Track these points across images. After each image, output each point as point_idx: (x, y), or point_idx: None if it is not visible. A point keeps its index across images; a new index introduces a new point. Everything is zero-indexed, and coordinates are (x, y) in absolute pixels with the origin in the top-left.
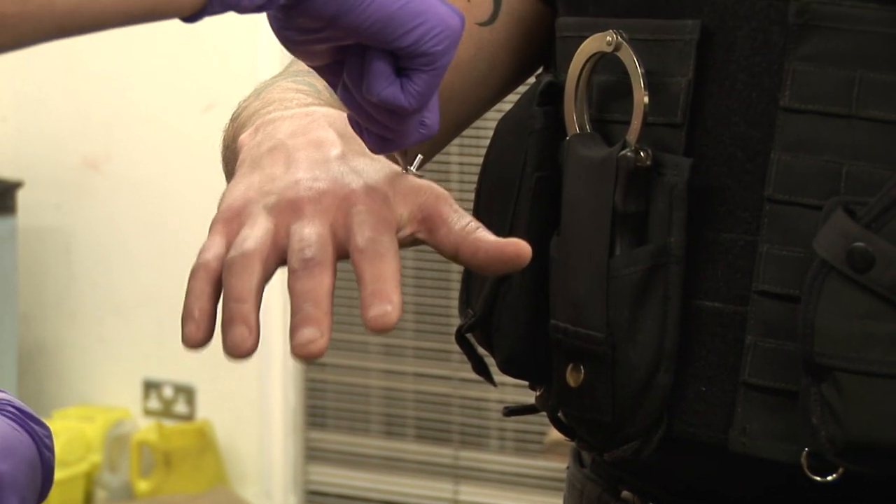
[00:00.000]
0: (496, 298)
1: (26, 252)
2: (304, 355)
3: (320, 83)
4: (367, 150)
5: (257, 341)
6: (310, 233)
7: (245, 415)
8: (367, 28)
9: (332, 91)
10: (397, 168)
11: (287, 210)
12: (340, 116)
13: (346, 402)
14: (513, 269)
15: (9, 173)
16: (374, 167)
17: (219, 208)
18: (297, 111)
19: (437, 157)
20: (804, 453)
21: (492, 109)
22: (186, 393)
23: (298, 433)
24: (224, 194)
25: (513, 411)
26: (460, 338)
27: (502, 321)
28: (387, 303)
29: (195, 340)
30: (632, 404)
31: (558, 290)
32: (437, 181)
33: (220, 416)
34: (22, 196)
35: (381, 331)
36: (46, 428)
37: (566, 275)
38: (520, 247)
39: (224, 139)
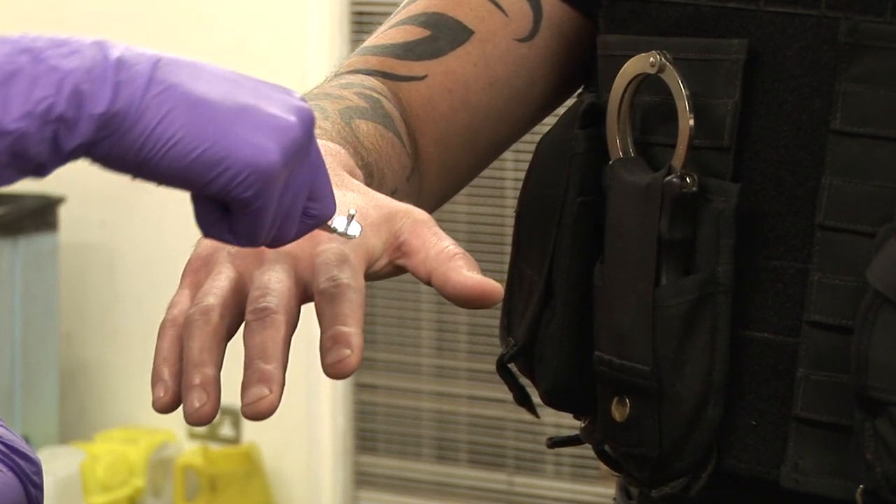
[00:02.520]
0: (538, 328)
1: (69, 269)
2: (253, 414)
3: (332, 105)
4: (343, 181)
5: (216, 407)
6: (269, 279)
7: (293, 438)
8: (169, 181)
9: (343, 113)
10: (374, 196)
11: (250, 255)
12: (324, 147)
13: (396, 425)
14: (479, 307)
15: (51, 188)
16: (346, 200)
17: (189, 258)
18: None
19: (492, 173)
20: (859, 490)
21: (540, 124)
22: (232, 415)
23: (348, 457)
24: (196, 242)
25: (557, 443)
26: (502, 367)
27: (545, 351)
28: (345, 347)
29: (164, 405)
30: (680, 439)
31: (602, 320)
32: (491, 197)
33: (267, 440)
34: (64, 212)
35: (341, 377)
36: (34, 463)
37: (610, 305)
38: (486, 289)
39: None
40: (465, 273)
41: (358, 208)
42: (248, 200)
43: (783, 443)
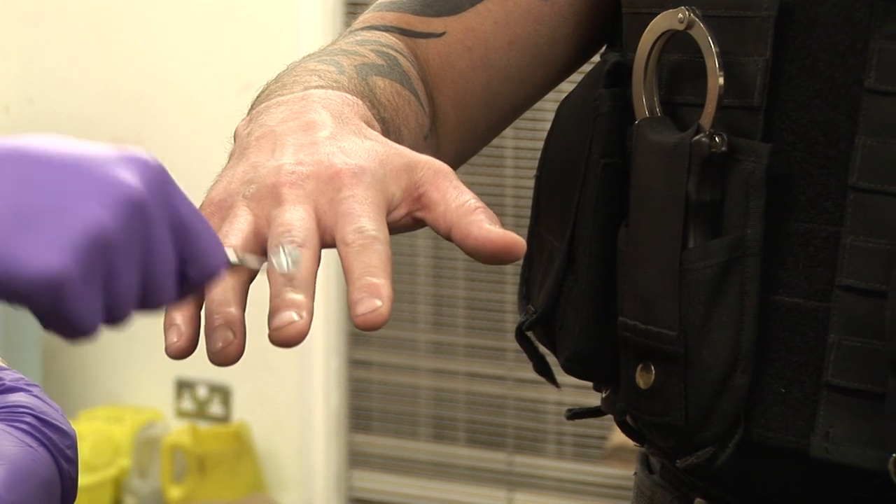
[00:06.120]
0: (559, 293)
1: None
2: (282, 340)
3: (348, 61)
4: (361, 129)
5: (243, 346)
6: (290, 217)
7: (284, 417)
8: None
9: (359, 70)
10: (393, 145)
11: (267, 197)
12: (340, 98)
13: (392, 403)
14: (502, 262)
15: None
16: (365, 146)
17: (201, 203)
18: (292, 96)
19: (491, 142)
20: (892, 459)
21: (550, 90)
22: (222, 393)
23: (341, 436)
24: (209, 189)
25: (576, 414)
26: (521, 336)
27: (566, 318)
28: (376, 297)
29: (178, 350)
30: (706, 407)
31: (627, 284)
32: (491, 166)
33: (257, 418)
34: None
35: (372, 328)
36: (68, 436)
37: (635, 269)
38: (508, 243)
39: None
40: (487, 227)
41: (378, 156)
42: (42, 310)
43: (813, 411)
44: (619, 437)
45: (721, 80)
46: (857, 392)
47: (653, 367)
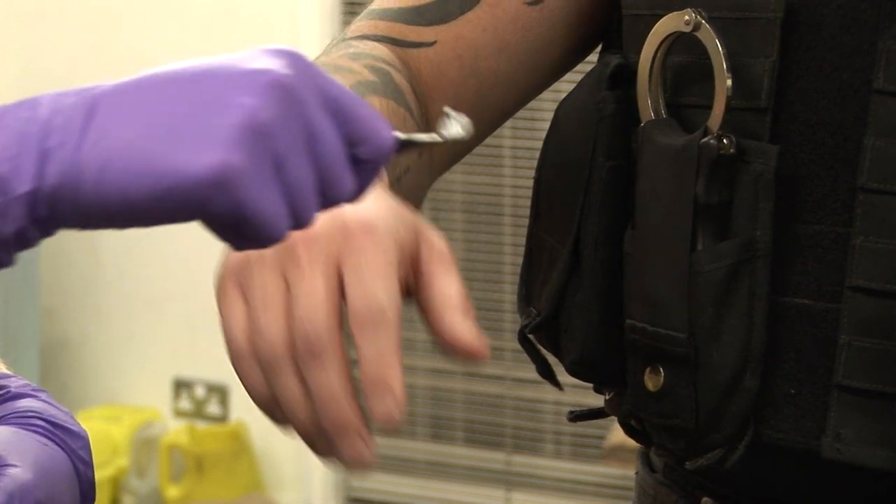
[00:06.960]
0: (564, 297)
1: (49, 242)
2: (348, 468)
3: (345, 81)
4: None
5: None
6: (308, 292)
7: None
8: (137, 223)
9: (355, 89)
10: (396, 204)
11: (286, 258)
12: None
13: None
14: (462, 360)
15: None
16: (374, 195)
17: (222, 265)
18: None
19: (489, 142)
20: None
21: (547, 90)
22: (220, 393)
23: None
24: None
25: (579, 416)
26: (523, 338)
27: (572, 322)
28: (389, 395)
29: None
30: (716, 409)
31: (634, 287)
32: (489, 166)
33: (255, 418)
34: None
35: (393, 423)
36: (80, 438)
37: (643, 271)
38: (472, 351)
39: None
40: (458, 329)
41: (387, 205)
42: (222, 212)
43: (824, 412)
44: (617, 436)
45: (729, 82)
46: (868, 392)
47: (662, 370)
